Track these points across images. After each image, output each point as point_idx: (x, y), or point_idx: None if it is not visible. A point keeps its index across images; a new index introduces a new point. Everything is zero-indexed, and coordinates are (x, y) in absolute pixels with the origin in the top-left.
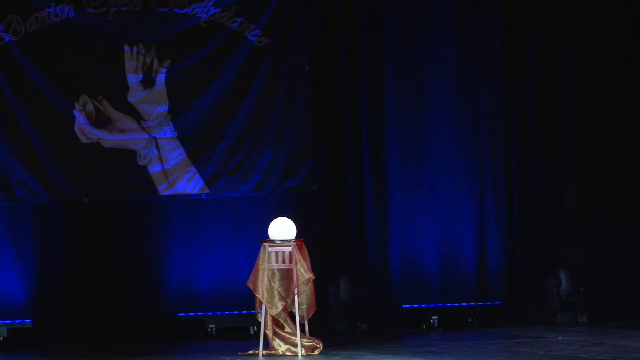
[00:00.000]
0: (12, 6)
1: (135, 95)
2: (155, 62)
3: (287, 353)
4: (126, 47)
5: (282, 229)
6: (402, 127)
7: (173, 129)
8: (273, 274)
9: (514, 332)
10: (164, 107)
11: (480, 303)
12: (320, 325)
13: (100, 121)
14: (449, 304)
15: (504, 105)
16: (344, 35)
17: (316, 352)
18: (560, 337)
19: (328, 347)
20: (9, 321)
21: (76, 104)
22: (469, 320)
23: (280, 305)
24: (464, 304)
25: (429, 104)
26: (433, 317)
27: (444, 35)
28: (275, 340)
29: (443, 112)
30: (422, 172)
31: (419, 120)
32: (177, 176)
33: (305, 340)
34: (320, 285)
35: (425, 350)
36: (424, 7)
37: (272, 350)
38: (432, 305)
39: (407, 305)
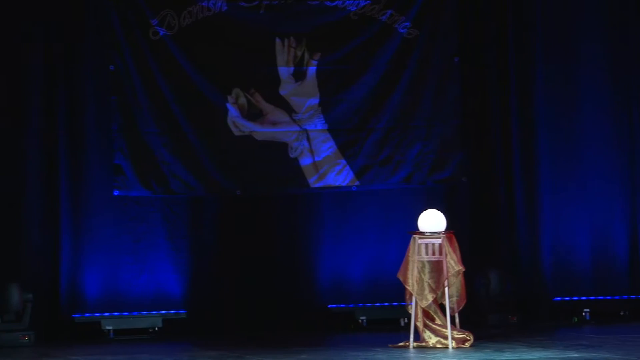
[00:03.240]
0: (166, 0)
1: (287, 87)
2: (306, 55)
3: (438, 345)
4: (277, 40)
5: (432, 221)
6: (552, 121)
7: (324, 121)
8: (423, 266)
9: None
10: (314, 100)
11: (633, 296)
12: (470, 318)
13: (252, 114)
14: (601, 297)
15: None
16: (494, 27)
17: (467, 344)
18: None
19: (479, 339)
20: (164, 312)
21: (229, 97)
22: (622, 313)
23: (430, 298)
24: (617, 297)
25: (580, 100)
26: (585, 310)
27: (595, 30)
28: (425, 333)
29: (594, 108)
30: (573, 166)
31: (569, 116)
32: (328, 168)
33: (455, 332)
34: (470, 277)
35: (577, 343)
36: (574, 2)
37: (422, 343)
38: (583, 298)
39: (559, 298)
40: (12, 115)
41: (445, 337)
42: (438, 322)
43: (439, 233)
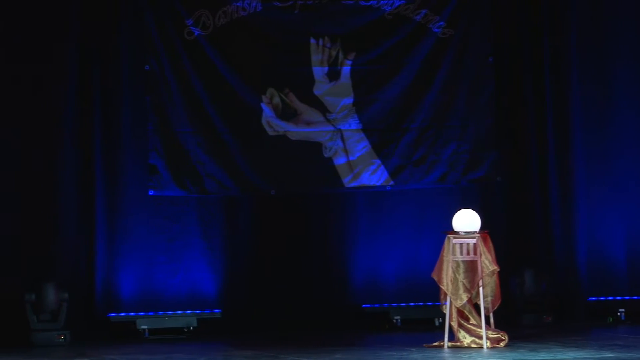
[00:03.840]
0: (202, 1)
1: (321, 87)
2: (341, 55)
3: (472, 345)
4: (312, 40)
5: (467, 220)
6: (587, 121)
7: (358, 121)
8: (457, 265)
9: None
10: (349, 100)
11: None
12: (505, 318)
13: (286, 114)
14: (636, 297)
15: None
16: (528, 27)
17: (501, 344)
18: None
19: (513, 339)
20: (198, 311)
21: (263, 97)
22: None
23: (465, 297)
24: None
25: (615, 101)
26: (620, 310)
27: (631, 31)
28: (460, 332)
29: (629, 109)
30: (608, 166)
31: (604, 116)
32: (362, 168)
33: (490, 332)
34: (505, 277)
35: (611, 343)
36: (609, 3)
37: (457, 342)
38: (618, 298)
39: (593, 298)
40: (48, 114)
41: (480, 337)
42: (472, 321)
43: (474, 233)
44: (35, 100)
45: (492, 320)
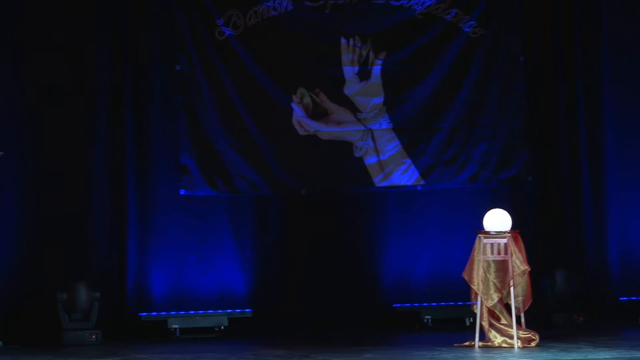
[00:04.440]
0: (232, 1)
1: (351, 87)
2: (371, 55)
3: (503, 345)
4: (342, 40)
5: (498, 220)
6: (620, 120)
7: (388, 120)
8: (488, 265)
9: None
10: (379, 99)
11: None
12: (536, 317)
13: (317, 113)
14: None
15: None
16: (560, 26)
17: (532, 344)
18: None
19: (544, 339)
20: (229, 310)
21: (294, 97)
22: None
23: (495, 297)
24: None
25: None
26: None
27: None
28: (491, 332)
29: None
30: None
31: (637, 114)
32: (393, 168)
33: (521, 332)
34: (536, 277)
35: None
36: None
37: (488, 342)
38: None
39: (625, 298)
40: (80, 116)
41: (511, 337)
42: (503, 321)
43: (505, 232)
44: (68, 101)
45: (523, 320)
